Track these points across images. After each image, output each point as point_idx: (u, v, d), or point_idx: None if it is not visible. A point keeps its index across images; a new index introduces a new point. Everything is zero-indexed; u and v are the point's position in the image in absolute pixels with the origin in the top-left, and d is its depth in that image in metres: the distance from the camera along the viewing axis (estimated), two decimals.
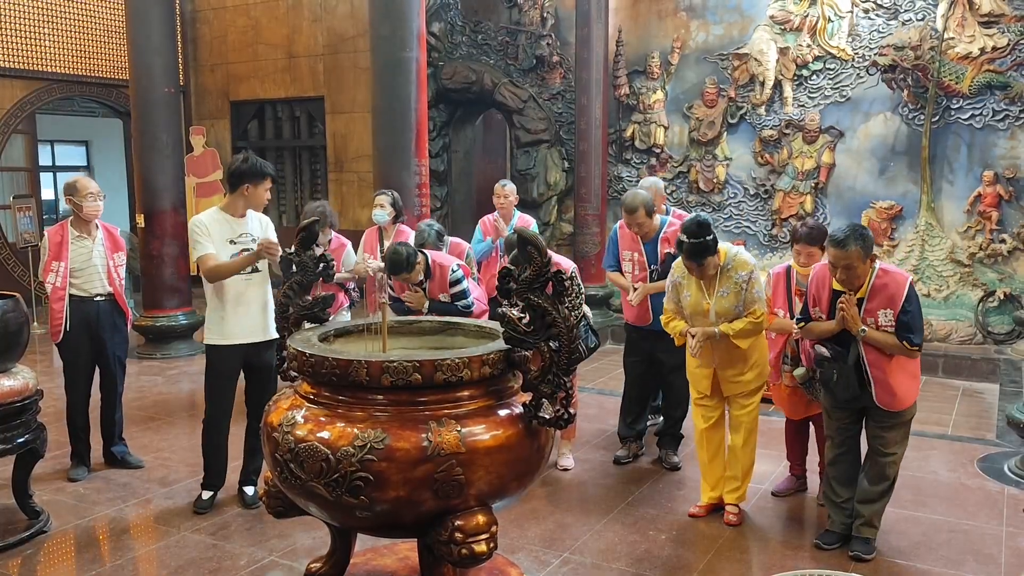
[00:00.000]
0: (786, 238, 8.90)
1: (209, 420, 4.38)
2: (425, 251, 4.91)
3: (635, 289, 4.94)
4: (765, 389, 4.40)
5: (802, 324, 3.91)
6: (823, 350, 3.77)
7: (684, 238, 3.97)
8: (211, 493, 4.40)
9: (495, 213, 6.11)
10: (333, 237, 5.83)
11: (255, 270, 4.31)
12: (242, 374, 4.40)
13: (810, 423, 4.49)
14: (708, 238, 3.95)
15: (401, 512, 2.53)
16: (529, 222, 6.19)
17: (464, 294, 4.83)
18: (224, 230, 4.27)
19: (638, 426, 5.19)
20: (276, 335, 4.35)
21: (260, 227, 4.43)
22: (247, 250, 4.26)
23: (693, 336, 4.07)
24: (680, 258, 4.14)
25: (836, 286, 3.71)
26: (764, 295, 4.15)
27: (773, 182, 9.00)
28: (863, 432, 3.90)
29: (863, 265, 3.60)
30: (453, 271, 4.82)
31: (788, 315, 4.19)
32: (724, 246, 4.13)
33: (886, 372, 3.66)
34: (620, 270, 5.08)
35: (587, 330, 4.70)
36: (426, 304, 4.80)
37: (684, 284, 4.18)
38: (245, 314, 4.28)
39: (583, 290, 4.76)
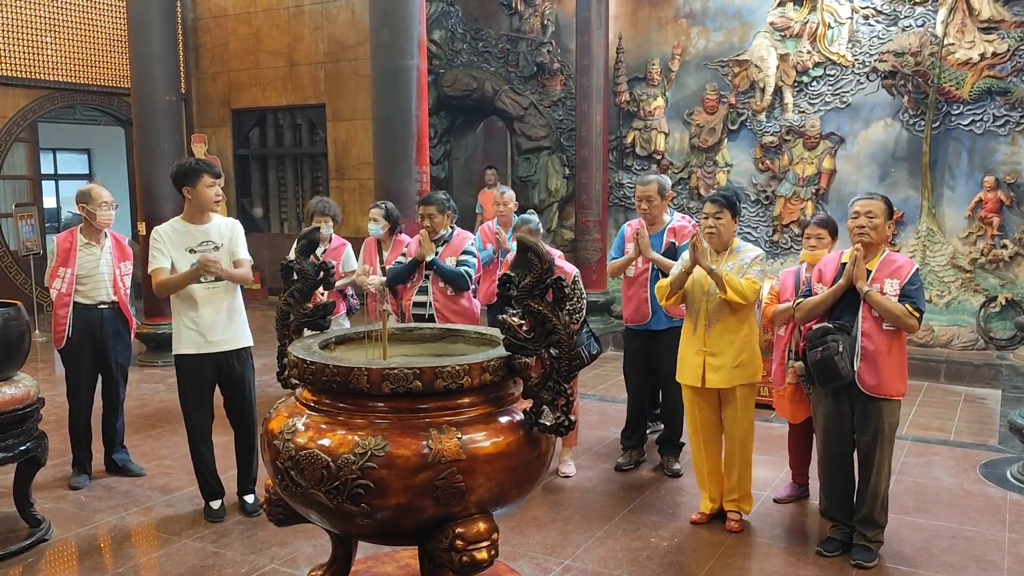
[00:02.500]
0: (787, 244, 8.92)
1: (190, 432, 4.36)
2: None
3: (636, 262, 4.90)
4: (768, 395, 4.39)
5: (800, 302, 3.94)
6: (826, 323, 3.78)
7: (715, 191, 4.25)
8: (219, 501, 4.40)
9: (495, 220, 6.13)
10: (333, 237, 5.84)
11: (218, 279, 4.25)
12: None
13: (813, 431, 4.47)
14: (737, 200, 4.22)
15: (402, 519, 2.53)
16: None
17: (471, 264, 4.97)
18: (184, 239, 4.22)
19: (639, 434, 5.18)
20: (248, 344, 4.38)
21: (225, 232, 4.31)
22: None
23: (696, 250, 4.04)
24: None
25: (846, 259, 3.78)
26: (763, 280, 4.17)
27: (774, 188, 9.01)
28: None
29: (883, 222, 3.73)
30: (471, 245, 5.07)
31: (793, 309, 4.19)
32: (738, 239, 4.26)
33: (876, 346, 3.68)
34: None
35: (589, 336, 4.70)
36: (431, 256, 4.89)
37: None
38: (211, 322, 4.24)
39: (585, 295, 4.77)
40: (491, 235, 6.08)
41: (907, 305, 3.62)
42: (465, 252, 4.98)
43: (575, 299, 4.60)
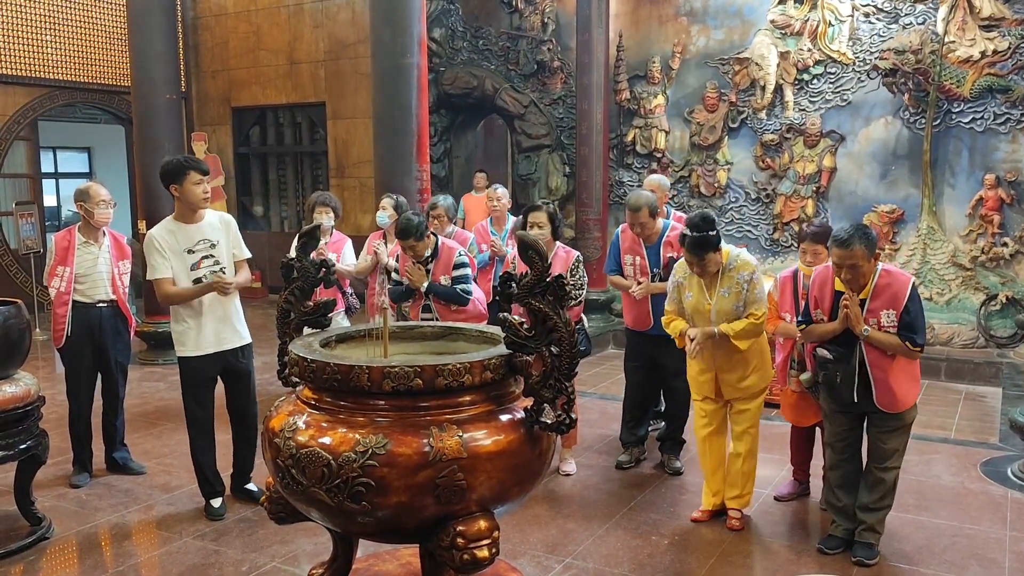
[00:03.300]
0: (787, 242, 8.91)
1: (193, 432, 4.36)
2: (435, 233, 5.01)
3: (639, 283, 4.91)
4: (769, 394, 4.38)
5: (803, 327, 3.91)
6: (825, 353, 3.76)
7: (687, 231, 3.99)
8: (220, 499, 4.40)
9: (488, 220, 6.14)
10: (334, 231, 5.84)
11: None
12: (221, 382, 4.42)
13: (816, 428, 4.47)
14: (711, 233, 3.97)
15: (403, 518, 2.53)
16: None
17: (466, 279, 4.87)
18: (179, 240, 4.20)
19: (640, 431, 5.18)
20: (248, 340, 4.39)
21: (219, 228, 4.31)
22: (207, 257, 4.22)
23: (692, 339, 4.07)
24: (683, 259, 4.17)
25: (839, 286, 3.71)
26: (765, 296, 4.14)
27: (774, 186, 9.01)
28: (863, 438, 3.89)
29: (868, 264, 3.59)
30: (460, 255, 4.90)
31: (795, 319, 4.18)
32: (727, 247, 4.15)
33: (887, 373, 3.66)
34: (621, 274, 5.07)
35: (580, 333, 4.71)
36: (425, 284, 4.81)
37: (686, 284, 4.19)
38: (212, 323, 4.25)
39: (586, 277, 4.78)
40: (485, 235, 6.08)
41: (907, 343, 3.59)
42: (456, 267, 4.86)
43: (576, 276, 4.64)
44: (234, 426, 4.50)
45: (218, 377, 4.37)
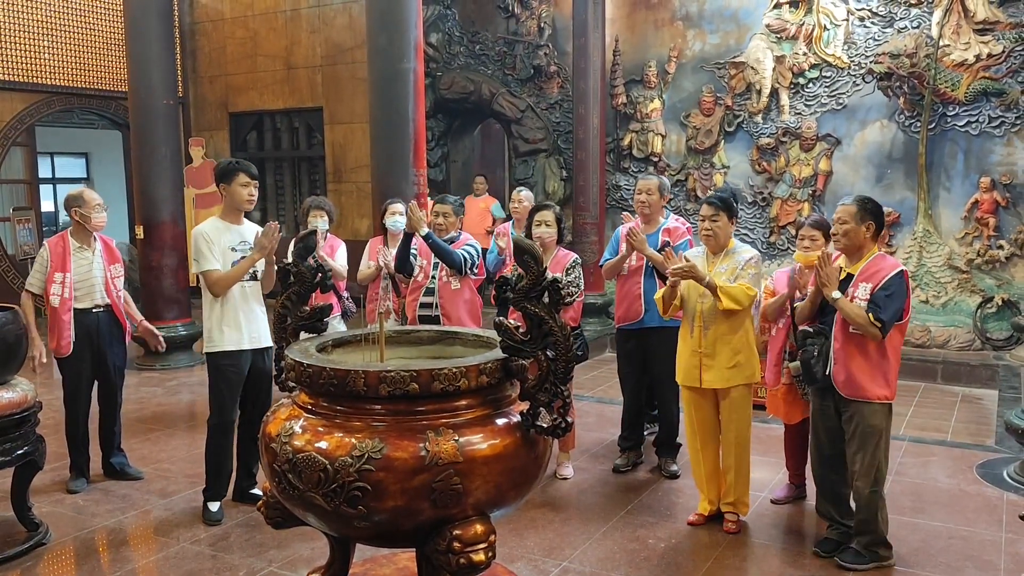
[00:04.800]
0: (784, 245, 8.93)
1: (218, 432, 4.39)
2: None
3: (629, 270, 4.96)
4: (758, 393, 4.41)
5: (795, 307, 4.06)
6: (808, 328, 3.86)
7: (712, 192, 4.26)
8: (218, 504, 4.41)
9: (510, 222, 6.13)
10: (328, 235, 5.84)
11: (253, 277, 4.38)
12: None
13: (809, 431, 4.48)
14: (733, 202, 4.27)
15: (399, 522, 2.53)
16: None
17: (470, 255, 4.94)
18: (225, 238, 4.35)
19: (636, 435, 5.19)
20: (271, 343, 4.42)
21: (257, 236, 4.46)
22: (246, 258, 4.33)
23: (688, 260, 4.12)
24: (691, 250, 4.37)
25: (841, 262, 3.81)
26: (760, 283, 4.23)
27: (771, 190, 9.03)
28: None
29: (857, 227, 3.69)
30: (476, 243, 5.07)
31: (789, 311, 4.22)
32: (735, 240, 4.31)
33: (845, 348, 3.69)
34: None
35: (579, 339, 4.73)
36: (424, 229, 4.79)
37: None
38: (247, 320, 4.35)
39: (581, 279, 4.79)
40: (506, 238, 6.07)
41: (869, 314, 3.60)
42: (468, 245, 5.00)
43: (571, 276, 4.68)
44: (246, 429, 4.51)
45: (245, 376, 4.43)
